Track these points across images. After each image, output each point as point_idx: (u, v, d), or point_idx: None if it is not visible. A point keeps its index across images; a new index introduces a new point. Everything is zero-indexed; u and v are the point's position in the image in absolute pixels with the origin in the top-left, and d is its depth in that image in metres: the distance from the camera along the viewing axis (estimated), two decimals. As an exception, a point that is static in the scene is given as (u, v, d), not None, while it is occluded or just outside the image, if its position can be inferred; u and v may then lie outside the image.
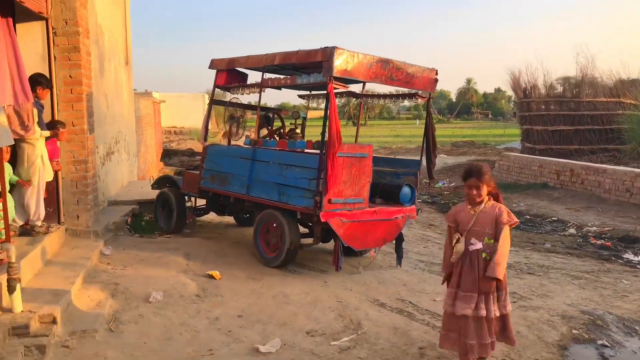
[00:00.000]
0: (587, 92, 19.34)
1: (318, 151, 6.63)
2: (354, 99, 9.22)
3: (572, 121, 19.17)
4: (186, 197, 8.63)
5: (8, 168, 5.48)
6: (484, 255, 4.03)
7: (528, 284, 6.53)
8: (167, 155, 9.82)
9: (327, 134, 6.01)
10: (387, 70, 6.45)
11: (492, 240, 4.01)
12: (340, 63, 5.98)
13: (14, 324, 4.14)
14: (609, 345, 4.82)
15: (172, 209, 8.38)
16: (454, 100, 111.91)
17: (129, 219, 8.66)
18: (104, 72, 9.20)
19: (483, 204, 4.09)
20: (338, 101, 10.16)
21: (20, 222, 5.76)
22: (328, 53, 5.98)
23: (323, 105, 6.57)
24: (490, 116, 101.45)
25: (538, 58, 44.73)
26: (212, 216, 9.78)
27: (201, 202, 8.96)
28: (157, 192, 9.03)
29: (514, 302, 5.83)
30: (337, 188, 6.14)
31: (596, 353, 4.71)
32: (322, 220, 6.10)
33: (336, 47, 5.95)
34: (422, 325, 5.08)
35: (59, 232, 6.30)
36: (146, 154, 15.31)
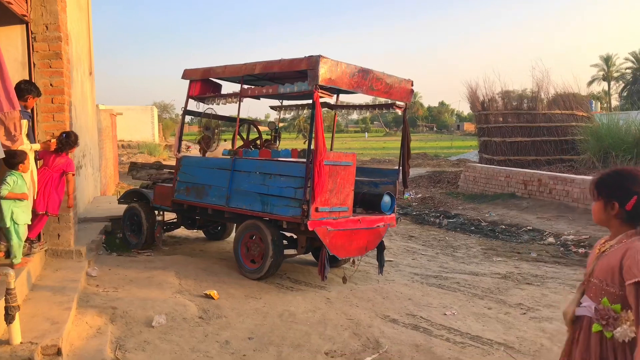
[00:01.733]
0: (542, 105, 19.94)
1: (301, 160, 6.52)
2: (302, 111, 9.18)
3: (529, 133, 19.68)
4: (157, 212, 8.25)
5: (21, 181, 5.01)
6: (595, 327, 2.41)
7: (530, 294, 6.49)
8: (135, 168, 9.37)
9: (313, 142, 6.00)
10: (367, 80, 6.52)
11: (617, 306, 2.34)
12: (324, 72, 5.97)
13: (16, 358, 3.70)
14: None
15: (142, 223, 7.99)
16: (400, 114, 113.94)
17: (104, 237, 8.16)
18: (72, 82, 8.67)
19: (615, 239, 2.45)
20: (288, 114, 10.16)
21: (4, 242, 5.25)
22: (313, 61, 5.96)
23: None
24: (435, 129, 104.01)
25: (495, 71, 46.09)
26: (186, 232, 9.40)
27: (170, 216, 8.59)
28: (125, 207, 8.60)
29: (524, 313, 5.79)
30: (323, 196, 6.08)
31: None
32: (310, 229, 6.02)
33: (321, 56, 5.94)
34: (442, 342, 4.91)
35: (39, 253, 5.80)
36: (106, 168, 14.63)
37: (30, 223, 5.20)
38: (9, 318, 3.85)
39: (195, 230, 9.15)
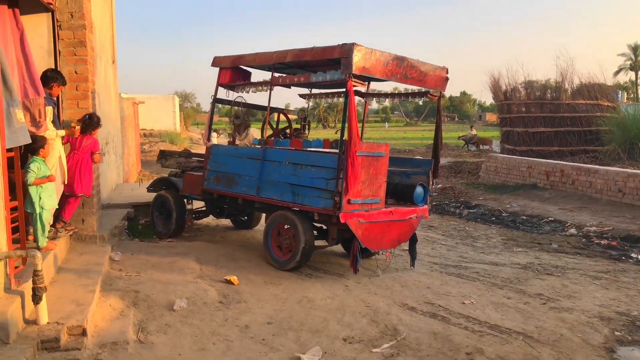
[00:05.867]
0: (566, 95, 19.65)
1: (333, 150, 6.44)
2: (321, 100, 9.00)
3: (552, 123, 19.44)
4: (186, 200, 8.31)
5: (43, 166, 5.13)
6: None
7: (550, 284, 6.45)
8: (164, 156, 9.39)
9: (346, 133, 5.87)
10: (402, 68, 6.30)
11: None
12: (358, 60, 5.80)
13: (43, 337, 3.82)
14: (654, 346, 4.75)
15: (171, 212, 8.02)
16: (421, 103, 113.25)
17: (126, 223, 8.29)
18: (96, 71, 8.77)
19: None
20: (307, 104, 9.97)
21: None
22: (347, 49, 5.81)
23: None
24: (456, 119, 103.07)
25: (518, 61, 45.29)
26: (209, 219, 9.48)
27: (198, 204, 8.66)
28: (152, 194, 8.68)
29: (544, 303, 5.76)
30: (356, 188, 5.97)
31: (644, 355, 4.61)
32: (342, 221, 5.93)
33: (355, 44, 5.78)
34: (461, 330, 4.92)
35: (65, 237, 5.93)
36: (129, 156, 14.81)
37: (57, 207, 5.33)
38: (36, 299, 3.97)
39: (222, 219, 9.17)
